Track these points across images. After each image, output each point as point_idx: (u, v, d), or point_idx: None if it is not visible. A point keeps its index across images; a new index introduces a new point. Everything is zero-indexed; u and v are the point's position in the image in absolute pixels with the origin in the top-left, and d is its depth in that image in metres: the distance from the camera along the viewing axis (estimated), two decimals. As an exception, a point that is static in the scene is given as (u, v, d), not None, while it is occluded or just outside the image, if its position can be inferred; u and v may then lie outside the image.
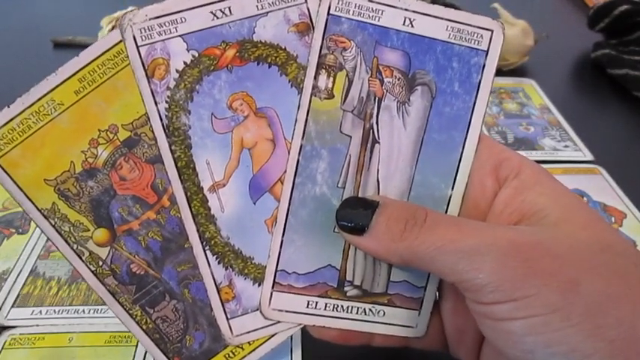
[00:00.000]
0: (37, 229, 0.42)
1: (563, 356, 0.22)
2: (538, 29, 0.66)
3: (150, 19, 0.27)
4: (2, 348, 0.36)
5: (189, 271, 0.29)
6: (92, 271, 0.29)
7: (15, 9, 0.79)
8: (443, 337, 0.30)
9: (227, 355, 0.29)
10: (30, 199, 0.28)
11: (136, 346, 0.36)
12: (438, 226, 0.25)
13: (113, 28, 0.60)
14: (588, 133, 0.57)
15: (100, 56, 0.27)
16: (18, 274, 0.41)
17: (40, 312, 0.38)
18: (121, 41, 0.27)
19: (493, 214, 0.27)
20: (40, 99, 0.27)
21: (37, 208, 0.28)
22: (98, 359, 0.35)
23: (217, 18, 0.27)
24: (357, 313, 0.29)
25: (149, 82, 0.27)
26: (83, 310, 0.38)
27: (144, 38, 0.27)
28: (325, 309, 0.29)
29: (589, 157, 0.54)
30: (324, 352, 0.35)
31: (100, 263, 0.29)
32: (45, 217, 0.28)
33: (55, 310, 0.38)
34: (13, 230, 0.45)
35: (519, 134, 0.57)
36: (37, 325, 0.37)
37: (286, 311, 0.29)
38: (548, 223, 0.25)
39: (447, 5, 0.29)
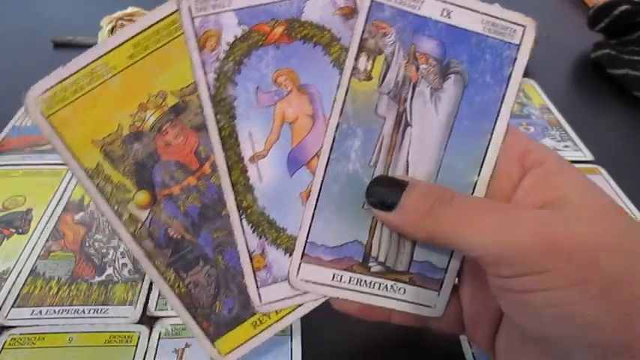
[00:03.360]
0: (37, 229, 0.44)
1: (580, 328, 0.23)
2: (538, 29, 0.67)
3: None
4: (2, 348, 0.36)
5: (224, 238, 0.30)
6: (130, 233, 0.29)
7: (15, 9, 0.79)
8: (459, 321, 0.31)
9: (254, 323, 0.30)
10: (76, 159, 0.29)
11: (136, 345, 0.36)
12: (463, 205, 0.26)
13: (113, 28, 0.60)
14: (588, 133, 0.57)
15: (155, 24, 0.28)
16: (18, 274, 0.41)
17: (40, 312, 0.38)
18: (176, 11, 0.28)
19: (516, 200, 0.28)
20: (94, 61, 0.28)
21: (82, 168, 0.29)
22: (98, 359, 0.35)
23: None
24: (379, 288, 0.30)
25: (200, 52, 0.29)
26: (83, 310, 0.38)
27: (198, 10, 0.29)
28: (349, 282, 0.30)
29: (589, 157, 0.54)
30: (324, 351, 0.36)
31: (139, 225, 0.29)
32: (89, 176, 0.29)
33: (55, 310, 0.38)
34: (13, 230, 0.45)
35: None
36: (37, 325, 0.37)
37: (313, 282, 0.30)
38: (571, 208, 0.26)
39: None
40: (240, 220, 0.30)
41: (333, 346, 0.36)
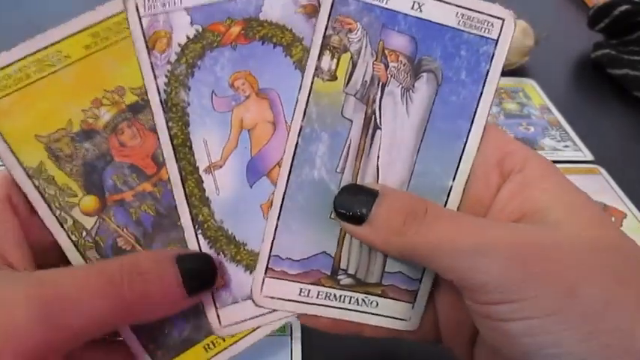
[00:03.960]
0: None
1: (558, 358, 0.22)
2: (538, 29, 0.66)
3: None
4: None
5: None
6: (73, 242, 0.27)
7: (15, 9, 0.78)
8: (436, 330, 0.30)
9: (206, 346, 0.28)
10: (15, 154, 0.26)
11: None
12: (437, 222, 0.25)
13: None
14: (588, 133, 0.57)
15: (118, 14, 0.26)
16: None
17: None
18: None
19: (495, 210, 0.27)
20: (45, 48, 0.26)
21: (21, 165, 0.26)
22: None
23: None
24: (349, 302, 0.28)
25: (149, 54, 0.27)
26: None
27: (147, 8, 0.26)
28: (318, 297, 0.28)
29: (589, 157, 0.54)
30: (324, 351, 0.35)
31: (84, 234, 0.27)
32: (28, 176, 0.26)
33: None
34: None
35: (519, 134, 0.57)
36: None
37: (278, 299, 0.28)
38: (550, 223, 0.24)
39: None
40: (196, 235, 0.27)
41: (333, 346, 0.36)
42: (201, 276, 0.26)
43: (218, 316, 0.28)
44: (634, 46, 0.66)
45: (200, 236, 0.28)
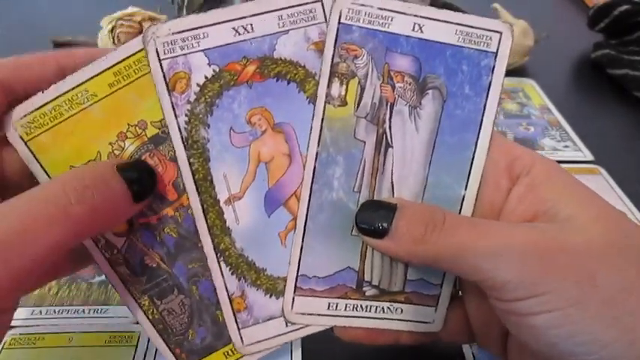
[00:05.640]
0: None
1: (584, 346, 0.23)
2: (538, 29, 0.66)
3: (173, 34, 0.27)
4: (2, 348, 0.36)
5: (199, 269, 0.30)
6: (106, 258, 0.29)
7: (15, 9, 0.78)
8: (467, 330, 0.31)
9: (226, 353, 0.30)
10: None
11: (136, 346, 0.36)
12: (456, 229, 0.26)
13: (113, 28, 0.60)
14: (588, 133, 0.57)
15: (136, 53, 0.28)
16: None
17: (40, 312, 0.38)
18: None
19: (507, 212, 0.28)
20: (74, 88, 0.27)
21: None
22: (98, 359, 0.36)
23: (239, 34, 0.28)
24: (375, 311, 0.30)
25: (170, 95, 0.28)
26: (83, 310, 0.38)
27: (166, 52, 0.28)
28: (345, 309, 0.30)
29: (589, 157, 0.54)
30: (324, 351, 0.36)
31: (115, 252, 0.29)
32: None
33: (55, 310, 0.38)
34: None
35: (519, 134, 0.57)
36: (37, 325, 0.37)
37: (309, 314, 0.30)
38: (561, 219, 0.25)
39: (446, 6, 0.29)
40: (219, 262, 0.29)
41: (333, 346, 0.36)
42: (143, 182, 0.27)
43: (240, 336, 0.30)
44: (634, 46, 0.65)
45: (222, 263, 0.29)
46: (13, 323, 0.37)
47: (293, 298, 0.29)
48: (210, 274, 0.29)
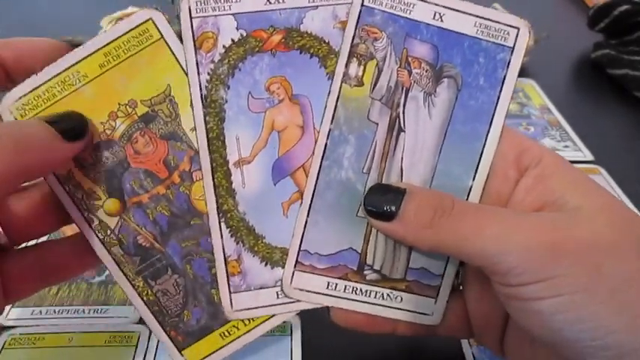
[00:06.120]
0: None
1: (590, 332, 0.23)
2: (538, 29, 0.66)
3: None
4: (2, 348, 0.36)
5: (193, 248, 0.30)
6: (100, 239, 0.29)
7: (15, 9, 0.79)
8: (466, 326, 0.31)
9: (223, 334, 0.30)
10: None
11: (136, 346, 0.36)
12: (465, 214, 0.26)
13: None
14: (588, 133, 0.57)
15: (126, 33, 0.28)
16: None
17: (40, 312, 0.38)
18: (147, 20, 0.28)
19: (514, 203, 0.28)
20: (66, 69, 0.28)
21: (54, 173, 0.29)
22: (98, 359, 0.35)
23: (270, 3, 0.29)
24: (375, 297, 0.30)
25: (196, 52, 0.29)
26: (83, 310, 0.38)
27: (198, 11, 0.28)
28: (344, 291, 0.30)
29: (589, 157, 0.54)
30: (324, 351, 0.36)
31: (109, 232, 0.29)
32: (60, 182, 0.29)
33: (55, 310, 0.38)
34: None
35: None
36: (37, 325, 0.37)
37: (307, 291, 0.29)
38: (569, 209, 0.26)
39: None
40: (220, 223, 0.29)
41: (333, 345, 0.36)
42: (65, 121, 0.27)
43: (231, 300, 0.30)
44: (634, 46, 0.65)
45: (223, 224, 0.29)
46: (13, 323, 0.38)
47: (293, 272, 0.29)
48: (204, 252, 0.30)
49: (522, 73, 0.65)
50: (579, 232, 0.24)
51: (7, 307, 0.38)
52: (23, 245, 0.30)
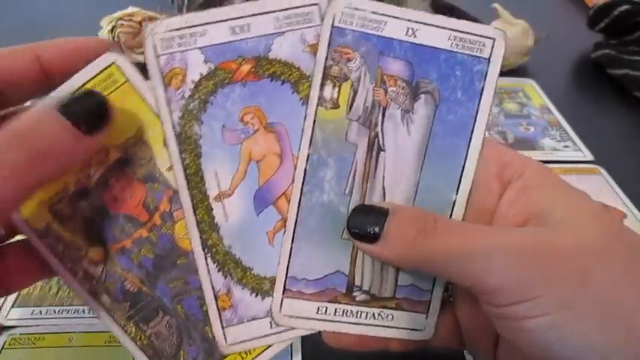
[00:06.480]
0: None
1: (576, 349, 0.23)
2: (538, 29, 0.66)
3: (171, 31, 0.28)
4: (2, 348, 0.36)
5: (181, 287, 0.29)
6: (87, 290, 0.29)
7: (15, 9, 0.79)
8: (458, 337, 0.31)
9: None
10: (25, 220, 0.28)
11: None
12: (448, 233, 0.26)
13: (113, 28, 0.60)
14: (588, 133, 0.57)
15: (90, 80, 0.28)
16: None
17: (40, 312, 0.38)
18: (110, 65, 0.28)
19: (499, 216, 0.28)
20: None
21: (32, 229, 0.28)
22: (98, 359, 0.36)
23: (236, 33, 0.28)
24: (366, 317, 0.30)
25: (165, 90, 0.28)
26: (83, 310, 0.39)
27: (164, 47, 0.28)
28: (335, 314, 0.29)
29: (589, 157, 0.54)
30: (324, 351, 0.35)
31: (94, 282, 0.29)
32: (39, 236, 0.28)
33: (55, 310, 0.39)
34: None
35: (519, 134, 0.57)
36: (37, 325, 0.38)
37: (297, 317, 0.29)
38: (553, 222, 0.25)
39: (446, 7, 0.30)
40: (206, 258, 0.29)
41: (333, 351, 0.36)
42: (93, 114, 0.25)
43: (224, 335, 0.29)
44: (634, 46, 0.66)
45: (209, 259, 0.29)
46: (13, 323, 0.38)
47: (282, 300, 0.29)
48: (193, 290, 0.29)
49: (522, 73, 0.67)
50: (563, 245, 0.24)
51: (8, 307, 0.39)
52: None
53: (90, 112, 0.25)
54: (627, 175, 0.52)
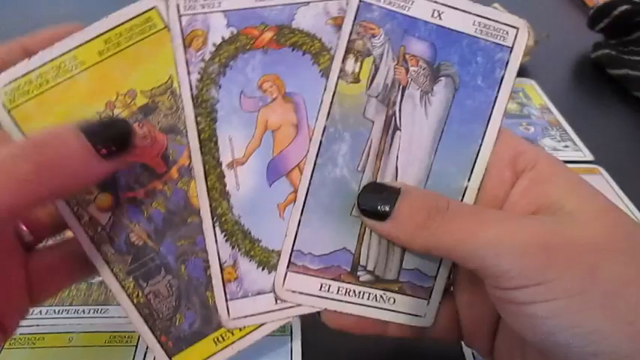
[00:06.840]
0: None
1: (583, 337, 0.23)
2: (538, 29, 0.66)
3: None
4: (2, 348, 0.35)
5: (188, 247, 0.28)
6: (89, 236, 0.28)
7: (15, 9, 0.78)
8: (456, 329, 0.31)
9: (216, 339, 0.29)
10: None
11: (136, 346, 0.36)
12: (459, 216, 0.26)
13: None
14: (588, 133, 0.57)
15: (128, 20, 0.27)
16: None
17: (40, 312, 0.38)
18: (151, 9, 0.27)
19: (509, 205, 0.28)
20: (62, 55, 0.27)
21: None
22: (98, 359, 0.35)
23: (261, 0, 0.28)
24: (368, 299, 0.29)
25: (185, 51, 0.28)
26: (83, 310, 0.38)
27: (187, 8, 0.28)
28: (338, 293, 0.29)
29: (589, 157, 0.54)
30: (324, 351, 0.35)
31: (99, 229, 0.28)
32: None
33: (55, 310, 0.38)
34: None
35: (519, 134, 0.56)
36: (37, 325, 0.37)
37: (300, 293, 0.29)
38: (565, 213, 0.25)
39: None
40: (214, 227, 0.28)
41: (333, 346, 0.36)
42: (117, 141, 0.25)
43: (227, 308, 0.29)
44: (634, 46, 0.66)
45: (217, 229, 0.28)
46: None
47: (285, 274, 0.29)
48: (200, 252, 0.28)
49: (522, 73, 0.67)
50: (575, 234, 0.24)
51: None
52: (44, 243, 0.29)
53: (114, 139, 0.25)
54: (627, 175, 0.52)
